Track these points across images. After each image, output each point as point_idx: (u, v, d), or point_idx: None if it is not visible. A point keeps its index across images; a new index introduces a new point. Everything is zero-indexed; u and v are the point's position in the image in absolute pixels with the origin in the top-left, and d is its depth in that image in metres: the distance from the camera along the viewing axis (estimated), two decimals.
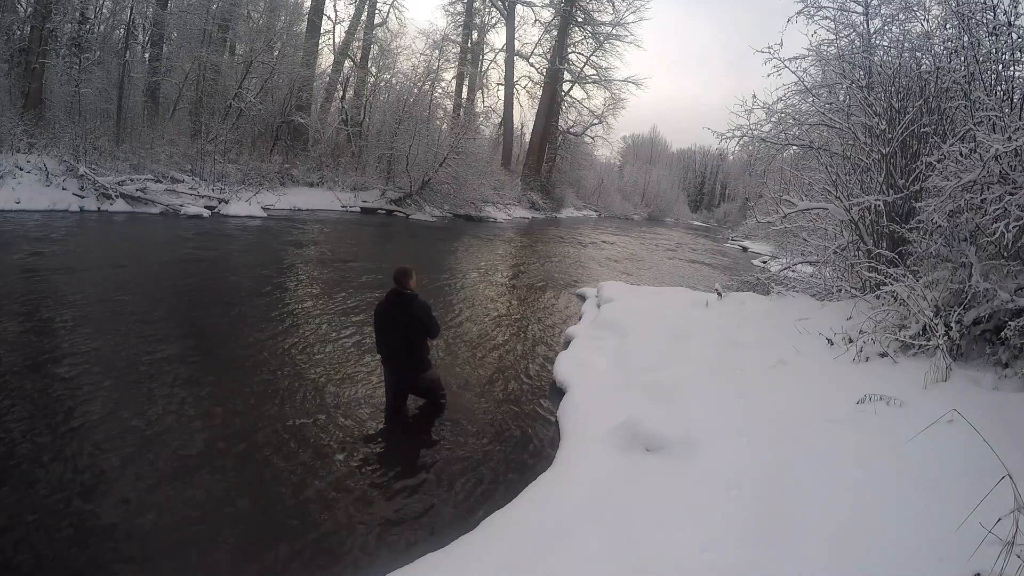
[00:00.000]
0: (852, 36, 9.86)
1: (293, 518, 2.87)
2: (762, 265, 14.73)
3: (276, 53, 20.28)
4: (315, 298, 7.27)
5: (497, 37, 34.79)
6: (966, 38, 5.12)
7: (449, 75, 30.14)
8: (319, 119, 22.46)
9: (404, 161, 21.02)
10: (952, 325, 3.95)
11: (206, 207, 14.50)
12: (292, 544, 2.69)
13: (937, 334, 3.76)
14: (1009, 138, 3.79)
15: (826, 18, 10.01)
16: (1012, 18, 4.77)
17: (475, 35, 32.57)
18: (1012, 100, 4.72)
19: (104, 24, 19.03)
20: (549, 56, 32.05)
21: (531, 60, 33.77)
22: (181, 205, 13.96)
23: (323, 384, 4.52)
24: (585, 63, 33.27)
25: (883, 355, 4.14)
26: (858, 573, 2.14)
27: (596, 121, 35.30)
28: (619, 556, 2.45)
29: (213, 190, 15.65)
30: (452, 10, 32.19)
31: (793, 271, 8.21)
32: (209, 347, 5.14)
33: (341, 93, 24.79)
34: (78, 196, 12.49)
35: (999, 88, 4.84)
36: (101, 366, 4.34)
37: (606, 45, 33.01)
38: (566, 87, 33.33)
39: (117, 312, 5.70)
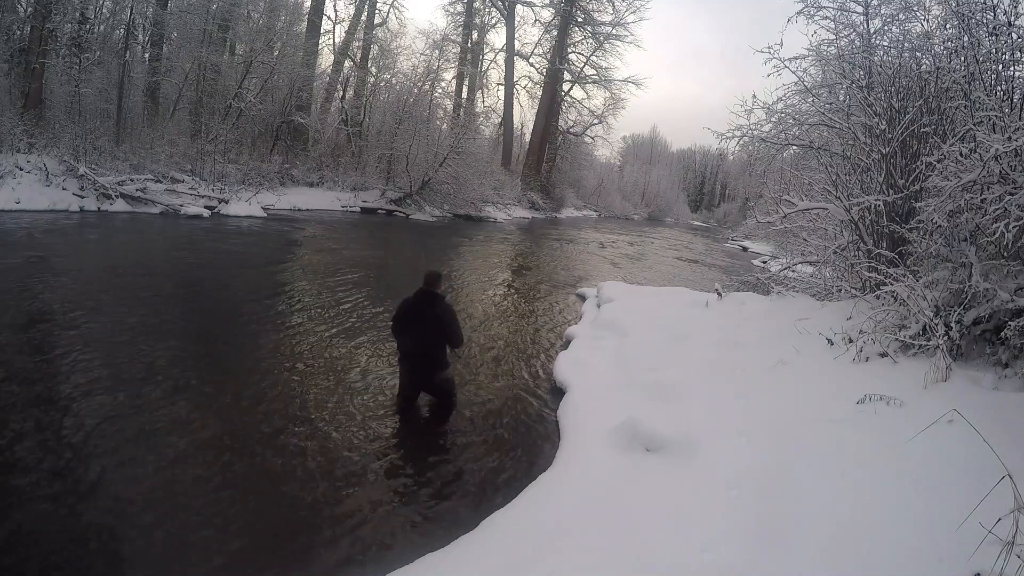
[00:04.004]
0: (852, 36, 9.86)
1: (293, 518, 2.87)
2: (762, 265, 14.71)
3: (276, 53, 20.24)
4: (316, 299, 7.26)
5: (497, 37, 34.78)
6: (966, 38, 5.12)
7: (449, 75, 30.14)
8: (319, 119, 22.42)
9: (404, 161, 20.99)
10: (952, 325, 3.95)
11: (206, 207, 14.48)
12: (291, 544, 2.69)
13: (937, 334, 3.76)
14: (1009, 138, 3.79)
15: (826, 18, 10.01)
16: (1012, 18, 4.77)
17: (475, 35, 32.54)
18: (1012, 100, 4.71)
19: (104, 24, 19.00)
20: (549, 56, 32.03)
21: (531, 60, 33.76)
22: (181, 205, 13.95)
23: (323, 385, 4.52)
24: (585, 63, 33.24)
25: (883, 355, 4.14)
26: (858, 573, 2.15)
27: (596, 121, 35.28)
28: (619, 556, 2.45)
29: (213, 190, 15.63)
30: (452, 10, 32.18)
31: (793, 271, 8.21)
32: (210, 348, 5.13)
33: (341, 93, 24.76)
34: (78, 196, 12.47)
35: (999, 88, 4.83)
36: (101, 367, 4.33)
37: (606, 45, 33.00)
38: (566, 87, 33.30)
39: (117, 313, 5.69)
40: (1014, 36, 4.75)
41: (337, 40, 26.28)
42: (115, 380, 4.13)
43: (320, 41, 24.49)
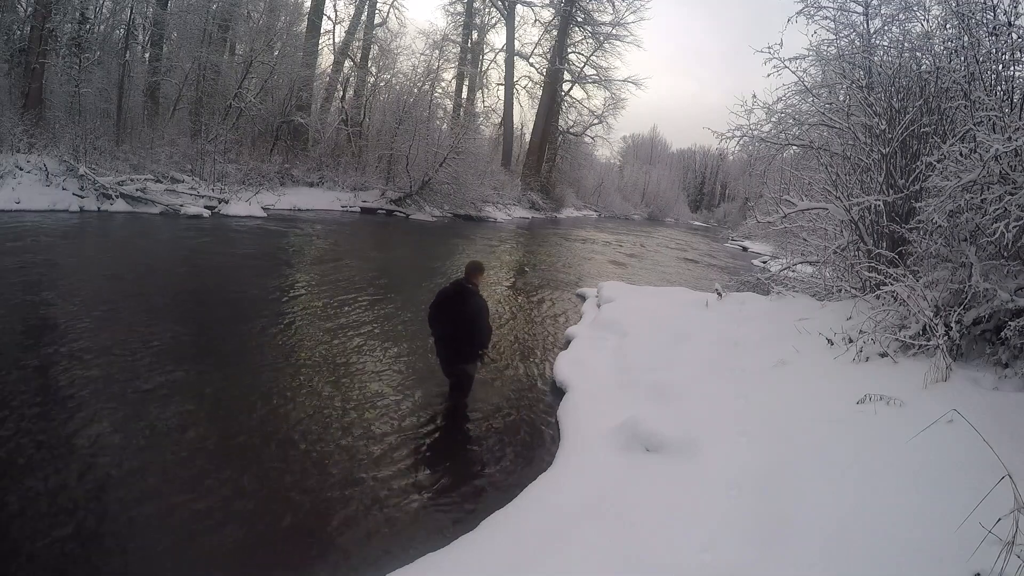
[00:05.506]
0: (852, 36, 9.88)
1: (293, 518, 2.87)
2: (762, 265, 14.73)
3: (276, 53, 20.25)
4: (317, 299, 7.26)
5: (497, 37, 34.76)
6: (966, 38, 5.11)
7: (449, 75, 30.10)
8: (319, 119, 22.43)
9: (404, 161, 21.00)
10: (952, 325, 3.94)
11: (206, 207, 14.48)
12: (292, 543, 2.69)
13: (937, 334, 3.76)
14: (1009, 138, 3.78)
15: (826, 18, 10.04)
16: (1012, 18, 4.76)
17: (475, 35, 32.52)
18: (1012, 100, 4.71)
19: (104, 24, 19.01)
20: (549, 56, 32.02)
21: (531, 60, 33.74)
22: (181, 205, 13.95)
23: (324, 386, 4.53)
24: (585, 63, 33.25)
25: (883, 355, 4.14)
26: (858, 573, 2.14)
27: (596, 121, 35.30)
28: (619, 556, 2.45)
29: (213, 190, 15.63)
30: (452, 10, 32.17)
31: (793, 271, 8.21)
32: (211, 348, 5.13)
33: (341, 93, 24.77)
34: (78, 196, 12.48)
35: (999, 88, 4.83)
36: (102, 368, 4.33)
37: (606, 45, 33.01)
38: (566, 87, 33.31)
39: (118, 314, 5.69)
40: (1014, 36, 4.74)
41: (337, 40, 26.29)
42: (116, 381, 4.13)
43: (320, 41, 24.50)
